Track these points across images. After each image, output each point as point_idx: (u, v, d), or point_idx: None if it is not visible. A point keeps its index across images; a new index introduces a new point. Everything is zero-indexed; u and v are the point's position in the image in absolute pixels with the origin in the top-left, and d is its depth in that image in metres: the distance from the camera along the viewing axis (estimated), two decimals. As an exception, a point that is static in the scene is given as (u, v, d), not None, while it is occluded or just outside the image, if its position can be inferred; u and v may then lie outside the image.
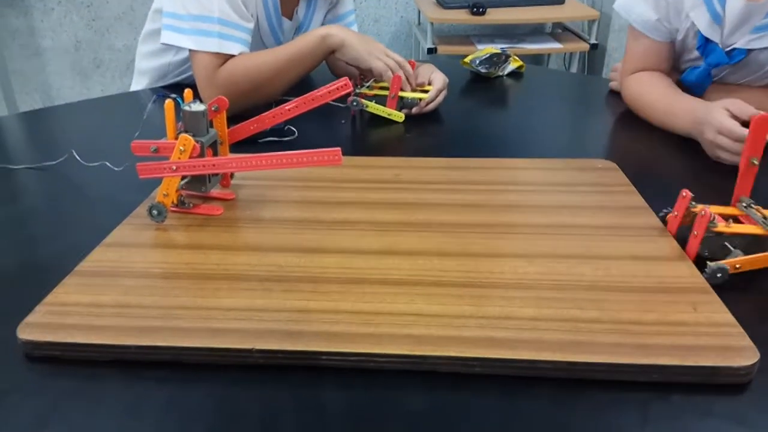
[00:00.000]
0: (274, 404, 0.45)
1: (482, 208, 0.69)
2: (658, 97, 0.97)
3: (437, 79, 1.04)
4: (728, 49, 0.95)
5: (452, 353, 0.47)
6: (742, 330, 0.48)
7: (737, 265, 0.56)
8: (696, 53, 1.00)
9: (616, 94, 1.12)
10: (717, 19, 0.94)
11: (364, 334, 0.49)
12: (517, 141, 0.68)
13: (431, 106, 1.02)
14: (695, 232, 0.58)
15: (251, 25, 1.03)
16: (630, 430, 0.43)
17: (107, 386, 0.47)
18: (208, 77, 0.98)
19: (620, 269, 0.57)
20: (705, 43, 0.97)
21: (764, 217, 0.59)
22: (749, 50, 0.94)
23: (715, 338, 0.48)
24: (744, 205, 0.62)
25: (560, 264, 0.58)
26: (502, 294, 0.54)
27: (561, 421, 0.44)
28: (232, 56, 0.98)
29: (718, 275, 0.55)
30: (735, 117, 0.81)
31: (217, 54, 0.97)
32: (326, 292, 0.54)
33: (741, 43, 0.93)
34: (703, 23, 0.96)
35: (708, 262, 0.56)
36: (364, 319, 0.50)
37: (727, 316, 0.50)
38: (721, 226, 0.58)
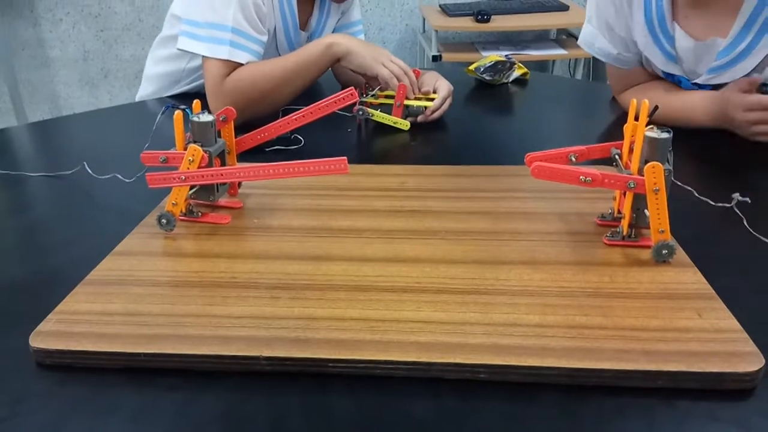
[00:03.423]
0: (282, 411, 0.46)
1: (488, 215, 0.69)
2: (668, 100, 0.98)
3: (442, 87, 1.05)
4: (693, 82, 0.96)
5: (458, 360, 0.47)
6: (746, 336, 0.49)
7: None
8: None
9: (620, 101, 1.12)
10: (671, 57, 0.95)
11: (371, 341, 0.49)
12: (522, 148, 0.69)
13: (437, 114, 1.03)
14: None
15: (264, 38, 1.04)
16: (635, 436, 0.43)
17: (117, 394, 0.47)
18: (216, 85, 0.99)
19: (625, 276, 0.57)
20: (668, 75, 0.99)
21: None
22: (713, 85, 0.95)
23: (720, 344, 0.48)
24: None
25: (565, 271, 0.58)
26: (508, 301, 0.54)
27: (566, 428, 0.44)
28: (241, 65, 1.00)
29: None
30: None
31: (227, 62, 0.99)
32: (333, 299, 0.54)
33: (702, 80, 0.94)
34: (659, 62, 0.97)
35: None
36: (371, 326, 0.51)
37: (732, 322, 0.50)
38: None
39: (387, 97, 1.04)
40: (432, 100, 1.03)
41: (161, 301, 0.55)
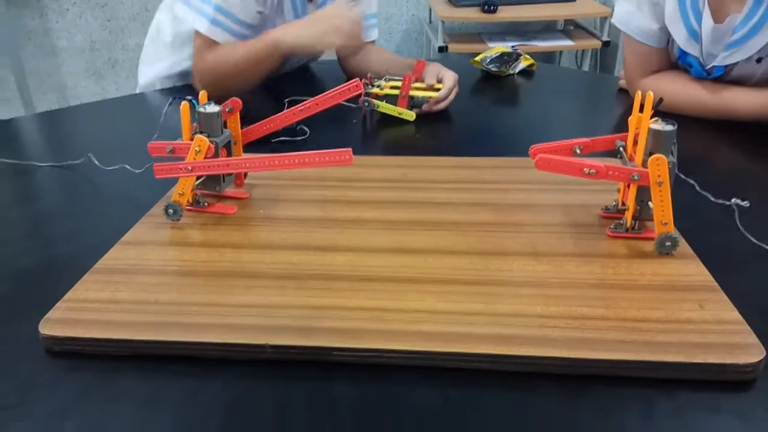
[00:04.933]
0: (286, 398, 0.46)
1: (492, 206, 0.69)
2: (702, 92, 0.99)
3: (447, 77, 1.04)
4: (709, 66, 0.97)
5: (461, 349, 0.48)
6: (748, 327, 0.49)
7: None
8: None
9: (626, 92, 1.12)
10: (694, 35, 0.96)
11: (375, 331, 0.50)
12: (528, 140, 0.69)
13: (442, 104, 1.03)
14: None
15: (251, 22, 1.06)
16: (636, 426, 0.43)
17: (125, 380, 0.48)
18: (199, 57, 1.04)
19: (628, 267, 0.58)
20: (683, 54, 1.00)
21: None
22: (726, 66, 0.96)
23: (722, 336, 0.48)
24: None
25: (568, 262, 0.58)
26: (511, 292, 0.54)
27: (568, 417, 0.44)
28: (218, 43, 1.03)
29: None
30: None
31: (208, 37, 1.02)
32: (338, 289, 0.55)
33: (718, 60, 0.96)
34: (682, 38, 0.98)
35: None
36: (375, 316, 0.51)
37: (734, 314, 0.51)
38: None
39: (392, 88, 1.04)
40: (437, 90, 1.03)
41: (168, 289, 0.56)
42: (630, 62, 1.08)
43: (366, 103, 1.01)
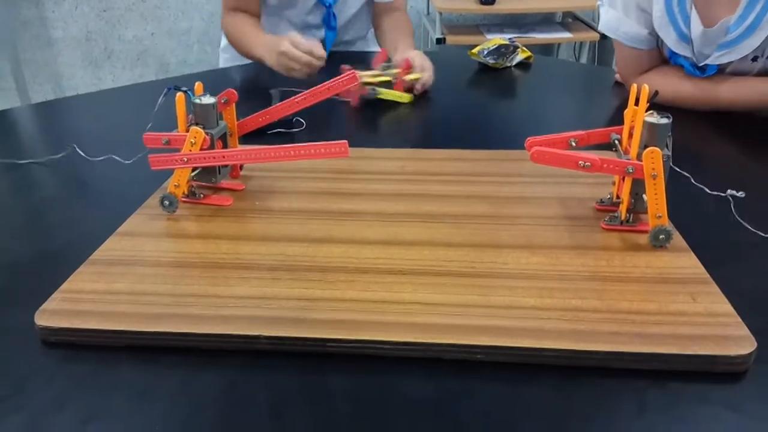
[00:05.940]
0: (281, 389, 0.46)
1: (487, 199, 0.70)
2: (695, 86, 0.99)
3: (416, 57, 1.09)
4: (701, 65, 0.97)
5: (455, 341, 0.48)
6: (740, 320, 0.49)
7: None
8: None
9: (623, 85, 1.12)
10: (684, 38, 0.96)
11: (369, 322, 0.50)
12: (524, 133, 0.69)
13: (424, 80, 1.07)
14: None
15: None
16: (628, 416, 0.44)
17: (121, 371, 0.48)
18: (223, 16, 1.27)
19: (621, 260, 0.58)
20: (673, 55, 0.99)
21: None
22: (720, 65, 0.96)
23: (714, 328, 0.49)
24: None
25: (563, 255, 0.59)
26: (506, 284, 0.55)
27: (561, 408, 0.45)
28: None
29: None
30: None
31: None
32: (333, 281, 0.55)
33: (711, 59, 0.95)
34: (671, 41, 0.98)
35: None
36: (370, 308, 0.52)
37: (726, 307, 0.51)
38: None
39: (375, 76, 1.07)
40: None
41: (164, 281, 0.56)
42: (622, 65, 1.08)
43: (372, 90, 1.05)
